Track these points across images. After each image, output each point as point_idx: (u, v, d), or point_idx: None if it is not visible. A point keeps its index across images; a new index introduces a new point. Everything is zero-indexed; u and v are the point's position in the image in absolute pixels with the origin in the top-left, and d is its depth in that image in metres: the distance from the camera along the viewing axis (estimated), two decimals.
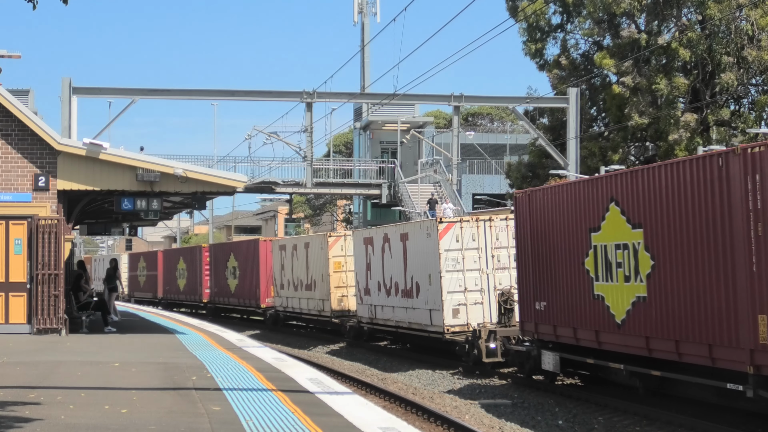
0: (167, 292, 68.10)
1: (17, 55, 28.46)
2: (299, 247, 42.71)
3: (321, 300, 40.10)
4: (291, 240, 45.59)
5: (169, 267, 67.61)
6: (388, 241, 33.28)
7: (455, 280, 28.81)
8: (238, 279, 52.10)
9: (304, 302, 42.37)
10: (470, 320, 28.59)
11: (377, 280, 34.25)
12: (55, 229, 26.99)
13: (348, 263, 38.28)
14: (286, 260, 44.56)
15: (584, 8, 56.89)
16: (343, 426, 12.64)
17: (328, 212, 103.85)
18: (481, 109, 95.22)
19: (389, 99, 51.52)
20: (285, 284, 45.00)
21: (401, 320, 32.49)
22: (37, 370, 18.47)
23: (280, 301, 46.35)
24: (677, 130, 53.13)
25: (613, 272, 20.10)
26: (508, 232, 28.90)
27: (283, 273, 45.17)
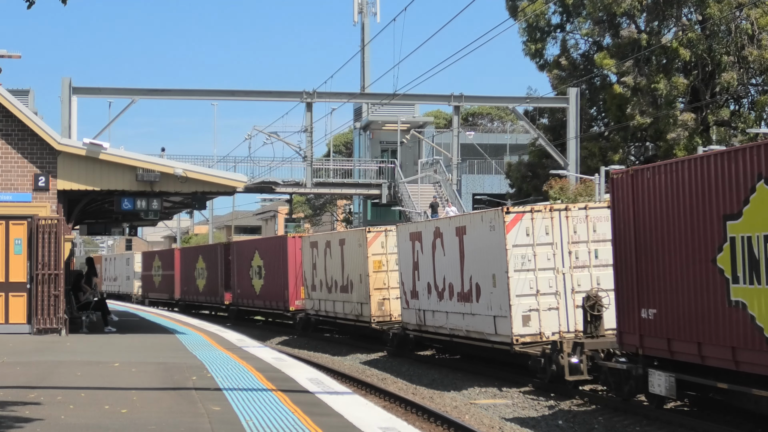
0: (185, 293, 63.06)
1: (17, 55, 28.46)
2: (333, 244, 38.60)
3: (359, 303, 36.09)
4: (324, 236, 41.65)
5: (188, 266, 62.40)
6: (441, 236, 28.77)
7: (525, 282, 24.59)
8: (264, 279, 47.68)
9: (339, 306, 38.14)
10: (543, 329, 24.49)
11: (427, 282, 29.81)
12: (55, 229, 26.99)
13: (389, 262, 34.60)
14: (319, 259, 40.28)
15: (584, 8, 56.93)
16: (343, 426, 12.64)
17: (328, 212, 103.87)
18: (481, 109, 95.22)
19: (389, 99, 51.53)
20: (317, 285, 40.71)
21: (457, 328, 27.96)
22: (37, 370, 18.47)
23: (311, 304, 41.86)
24: (677, 129, 53.17)
25: (762, 272, 15.86)
26: (587, 224, 24.91)
27: (315, 273, 40.76)
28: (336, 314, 38.72)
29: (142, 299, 73.17)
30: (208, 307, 60.06)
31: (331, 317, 39.67)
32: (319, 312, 40.95)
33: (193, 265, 60.70)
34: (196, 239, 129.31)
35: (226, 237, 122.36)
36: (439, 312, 29.16)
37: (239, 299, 51.95)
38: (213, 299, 56.80)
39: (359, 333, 38.41)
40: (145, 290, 73.87)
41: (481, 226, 26.15)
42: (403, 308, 32.21)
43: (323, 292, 39.84)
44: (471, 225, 26.87)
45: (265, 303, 47.80)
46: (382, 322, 34.82)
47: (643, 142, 59.61)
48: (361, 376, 28.18)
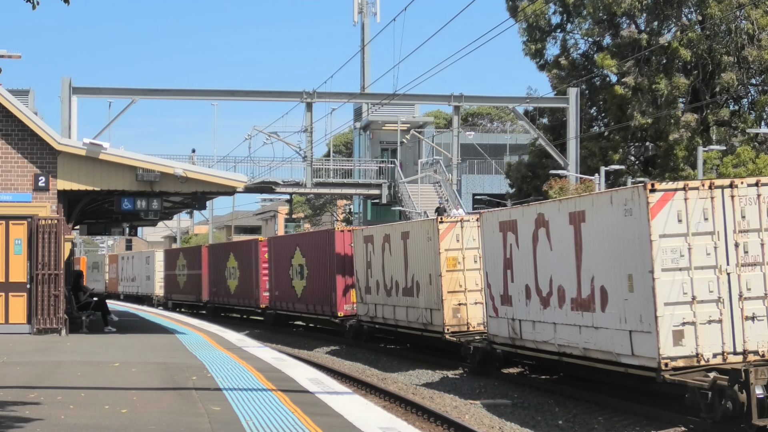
0: (214, 294, 56.26)
1: (17, 55, 28.45)
2: (394, 237, 32.80)
3: (427, 310, 30.06)
4: (381, 229, 34.88)
5: (217, 265, 55.72)
6: (545, 226, 22.71)
7: (676, 284, 18.54)
8: (307, 280, 41.57)
9: (401, 312, 32.21)
10: (701, 349, 18.35)
11: (524, 284, 23.70)
12: (55, 229, 26.99)
13: (466, 259, 28.92)
14: (375, 256, 34.45)
15: (584, 8, 56.94)
16: (343, 426, 12.64)
17: (328, 212, 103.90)
18: (481, 109, 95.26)
19: (389, 99, 51.53)
20: (372, 287, 34.70)
21: (569, 344, 21.80)
22: (37, 370, 18.46)
23: (364, 310, 35.67)
24: (677, 130, 53.19)
25: None
26: (759, 206, 18.93)
27: (370, 273, 34.80)
28: (397, 322, 32.96)
29: (164, 301, 67.48)
30: (240, 310, 54.20)
31: (390, 325, 33.87)
32: (374, 319, 35.00)
33: (223, 263, 54.44)
34: (196, 239, 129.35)
35: (226, 237, 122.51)
36: (543, 323, 22.93)
37: (277, 302, 45.99)
38: (247, 302, 50.64)
39: (426, 345, 32.46)
40: (168, 291, 67.37)
41: (610, 210, 19.97)
42: (489, 317, 25.79)
43: (380, 296, 34.07)
44: (594, 208, 20.70)
45: (308, 307, 41.82)
46: (457, 333, 28.71)
47: (643, 142, 59.63)
48: (361, 376, 28.18)
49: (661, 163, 55.09)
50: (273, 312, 46.92)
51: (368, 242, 35.22)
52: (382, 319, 34.20)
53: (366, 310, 35.72)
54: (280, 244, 46.62)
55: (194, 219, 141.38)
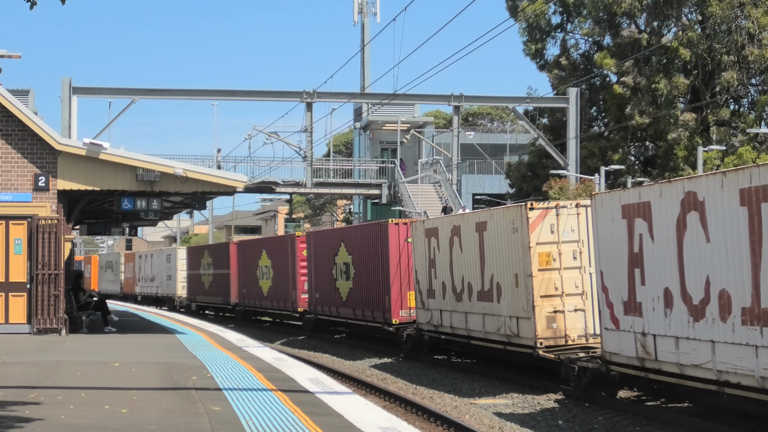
0: (245, 296, 50.87)
1: (17, 55, 28.45)
2: (466, 229, 27.15)
3: (512, 318, 24.66)
4: (449, 220, 29.12)
5: (247, 263, 50.48)
6: (699, 209, 17.24)
7: None
8: (353, 281, 36.41)
9: (476, 320, 26.69)
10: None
11: (661, 287, 18.36)
12: (55, 229, 27.00)
13: (564, 255, 23.72)
14: (440, 253, 29.01)
15: (584, 8, 56.96)
16: (343, 426, 12.64)
17: (328, 212, 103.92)
18: (481, 109, 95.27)
19: (389, 99, 51.54)
20: (437, 290, 29.19)
21: (740, 370, 16.25)
22: (37, 370, 18.46)
23: (426, 317, 30.18)
24: (677, 129, 53.21)
25: None
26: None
27: (434, 273, 29.34)
28: (469, 332, 27.34)
29: (187, 303, 61.69)
30: (275, 314, 49.26)
31: (460, 336, 28.32)
32: (439, 328, 29.42)
33: (255, 262, 49.18)
34: (196, 239, 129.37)
35: (226, 237, 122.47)
36: (693, 340, 17.46)
37: (318, 306, 40.67)
38: (282, 304, 45.44)
39: (508, 360, 26.91)
40: (192, 293, 61.13)
41: None
42: (604, 329, 20.36)
43: (447, 301, 28.57)
44: None
45: (355, 312, 36.51)
46: (554, 348, 23.42)
47: (642, 142, 59.66)
48: (361, 376, 28.17)
49: (661, 163, 55.09)
50: (313, 317, 41.32)
51: (431, 236, 29.56)
52: (450, 329, 28.56)
53: (428, 318, 30.04)
54: (322, 239, 40.99)
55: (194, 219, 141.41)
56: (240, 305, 51.71)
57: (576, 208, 23.88)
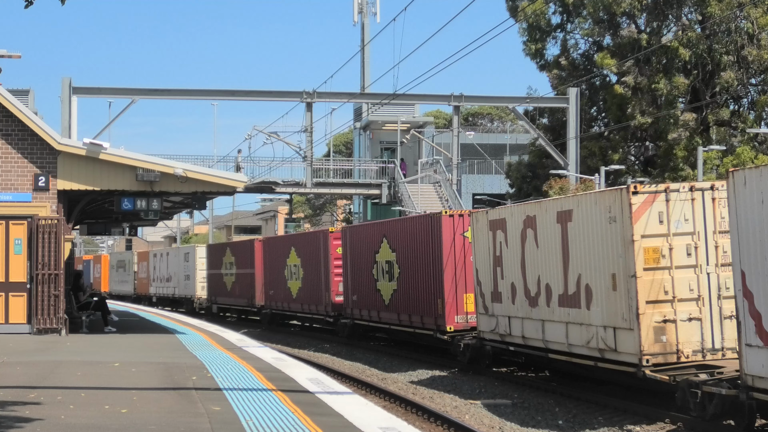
0: (271, 298, 46.96)
1: (17, 55, 28.47)
2: (544, 221, 22.65)
3: (607, 329, 20.09)
4: (520, 210, 24.28)
5: (274, 262, 46.43)
6: None
7: None
8: (399, 281, 32.32)
9: (557, 330, 22.18)
10: None
11: None
12: (55, 229, 27.00)
13: (676, 251, 19.20)
14: (508, 249, 24.51)
15: (584, 8, 56.95)
16: (343, 426, 12.64)
17: (328, 212, 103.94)
18: (481, 109, 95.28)
19: (389, 99, 51.53)
20: (504, 294, 24.76)
21: None
22: (37, 370, 18.47)
23: (490, 324, 25.65)
24: (676, 129, 53.22)
25: None
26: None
27: (500, 272, 24.99)
28: (547, 344, 22.79)
29: (207, 305, 57.76)
30: (305, 317, 45.04)
31: (535, 349, 23.70)
32: (506, 338, 24.94)
33: (282, 260, 45.14)
34: (196, 239, 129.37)
35: (226, 237, 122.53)
36: None
37: (355, 309, 36.52)
38: (314, 308, 41.26)
39: (598, 379, 22.93)
40: (212, 294, 56.85)
41: None
42: (746, 345, 16.06)
43: (518, 306, 24.12)
44: None
45: (400, 318, 32.40)
46: (663, 367, 19.07)
47: (643, 142, 59.65)
48: (361, 376, 28.17)
49: (661, 163, 55.10)
50: (349, 321, 37.25)
51: (496, 229, 25.13)
52: (521, 339, 24.11)
53: (492, 325, 25.60)
54: (360, 235, 36.53)
55: (194, 219, 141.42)
56: (266, 308, 47.85)
57: (690, 192, 19.47)
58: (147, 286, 73.35)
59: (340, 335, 38.38)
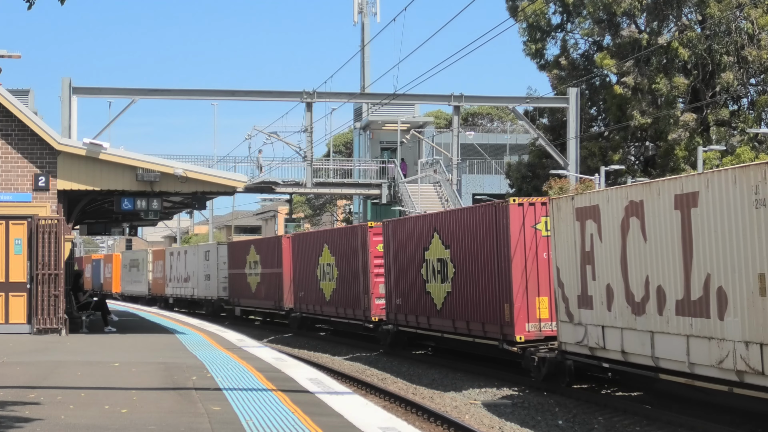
0: (301, 300, 43.05)
1: (17, 55, 28.46)
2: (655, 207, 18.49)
3: (751, 345, 16.13)
4: (621, 194, 19.79)
5: (304, 261, 42.45)
6: None
7: None
8: (452, 283, 28.27)
9: (673, 344, 18.10)
10: None
11: None
12: (55, 229, 27.00)
13: None
14: (603, 243, 20.44)
15: (584, 8, 56.96)
16: (343, 426, 12.64)
17: (328, 212, 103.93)
18: (481, 109, 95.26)
19: (389, 99, 51.52)
20: (595, 298, 20.76)
21: None
22: (37, 370, 18.47)
23: (576, 335, 21.62)
24: (676, 129, 53.23)
25: None
26: None
27: (591, 272, 20.92)
28: (657, 361, 18.71)
29: (229, 307, 54.54)
30: (339, 322, 40.29)
31: (639, 366, 19.71)
32: (597, 351, 20.89)
33: (314, 259, 41.20)
34: (196, 239, 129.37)
35: (225, 237, 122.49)
36: None
37: (399, 314, 32.50)
38: (350, 312, 37.32)
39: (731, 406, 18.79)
40: (235, 295, 53.34)
41: None
42: None
43: (616, 312, 19.95)
44: None
45: (456, 324, 28.16)
46: None
47: (643, 142, 59.65)
48: (361, 376, 28.16)
49: (661, 163, 55.11)
50: (392, 328, 33.21)
51: (586, 219, 20.96)
52: (619, 354, 19.89)
53: (579, 336, 21.39)
54: (404, 230, 32.19)
55: (194, 219, 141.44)
56: (295, 311, 43.90)
57: None
58: (163, 287, 69.72)
59: (382, 343, 34.41)
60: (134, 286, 78.10)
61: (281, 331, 45.75)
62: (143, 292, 74.15)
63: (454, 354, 31.03)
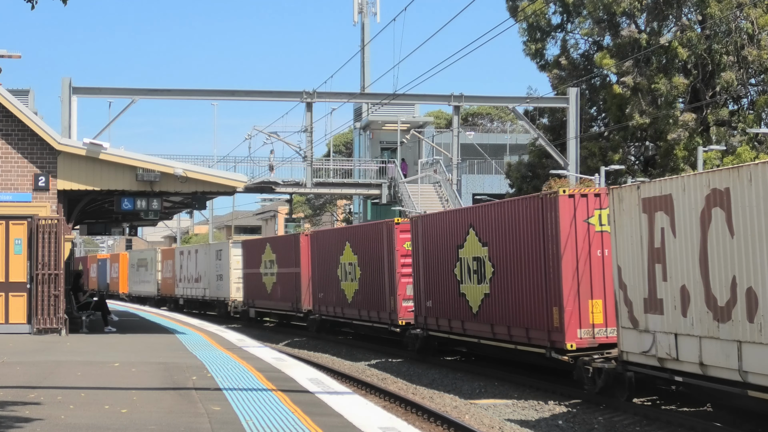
0: (321, 302, 40.51)
1: (17, 55, 28.46)
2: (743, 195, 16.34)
3: None
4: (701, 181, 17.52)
5: (324, 260, 40.03)
6: None
7: None
8: (492, 284, 25.80)
9: None
10: None
11: None
12: (55, 229, 27.00)
13: None
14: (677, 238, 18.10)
15: (584, 8, 56.95)
16: (343, 426, 12.64)
17: (328, 212, 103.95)
18: (481, 109, 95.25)
19: (389, 99, 51.52)
20: (667, 301, 18.33)
21: None
22: (37, 370, 18.46)
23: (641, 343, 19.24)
24: (676, 129, 53.22)
25: None
26: None
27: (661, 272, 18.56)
28: (745, 376, 16.22)
29: (243, 309, 51.93)
30: (362, 326, 37.57)
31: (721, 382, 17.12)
32: (667, 362, 18.45)
33: (335, 258, 38.68)
34: (196, 239, 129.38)
35: (225, 237, 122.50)
36: None
37: (429, 318, 30.03)
38: (375, 314, 34.74)
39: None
40: (249, 296, 50.80)
41: None
42: None
43: (693, 318, 17.52)
44: None
45: (495, 330, 25.66)
46: None
47: (643, 142, 59.65)
48: (361, 376, 28.15)
49: (661, 163, 55.10)
50: (421, 333, 30.54)
51: (655, 210, 18.59)
52: (697, 365, 17.40)
53: (646, 344, 18.94)
54: (435, 226, 29.58)
55: (194, 219, 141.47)
56: (314, 313, 41.58)
57: None
58: (173, 287, 67.42)
59: (410, 349, 31.86)
60: (142, 286, 76.02)
61: (299, 334, 44.02)
62: (152, 293, 72.35)
63: (485, 359, 29.16)
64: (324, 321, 40.90)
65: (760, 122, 53.33)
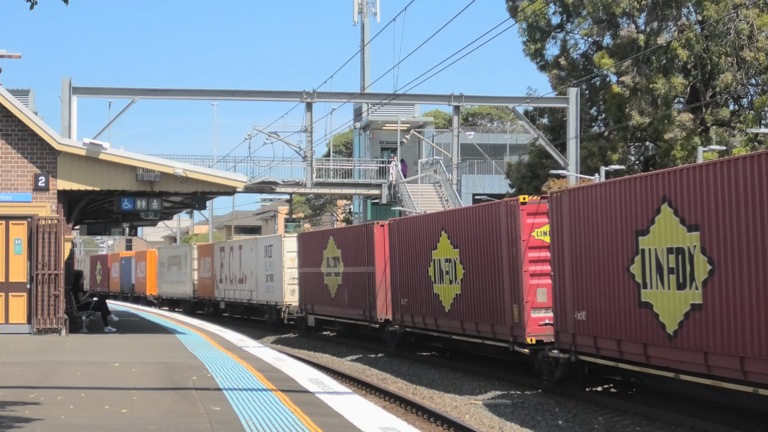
0: (405, 310, 31.69)
1: (17, 55, 28.46)
2: None
3: None
4: None
5: (408, 257, 31.54)
6: None
7: None
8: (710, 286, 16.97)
9: None
10: None
11: None
12: (55, 229, 26.99)
13: None
14: None
15: (584, 8, 56.94)
16: (343, 426, 12.64)
17: (328, 212, 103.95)
18: (481, 109, 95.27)
19: (389, 99, 51.51)
20: None
21: None
22: (37, 370, 18.47)
23: None
24: (673, 129, 53.24)
25: None
26: None
27: None
28: None
29: (300, 315, 43.07)
30: (466, 342, 28.21)
31: None
32: None
33: (424, 252, 30.23)
34: (195, 239, 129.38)
35: (225, 237, 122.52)
36: None
37: (581, 335, 21.28)
38: (487, 328, 26.07)
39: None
40: (308, 301, 41.99)
41: None
42: None
43: None
44: None
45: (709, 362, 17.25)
46: None
47: (642, 142, 59.65)
48: (361, 376, 28.16)
49: (661, 163, 55.10)
50: (567, 357, 21.86)
51: None
52: None
53: None
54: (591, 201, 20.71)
55: (194, 219, 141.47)
56: (394, 323, 32.81)
57: None
58: (212, 289, 57.82)
59: (546, 377, 23.26)
60: (175, 287, 66.39)
61: (372, 349, 35.70)
62: (186, 295, 63.06)
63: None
64: (408, 334, 32.34)
65: (759, 122, 53.34)
